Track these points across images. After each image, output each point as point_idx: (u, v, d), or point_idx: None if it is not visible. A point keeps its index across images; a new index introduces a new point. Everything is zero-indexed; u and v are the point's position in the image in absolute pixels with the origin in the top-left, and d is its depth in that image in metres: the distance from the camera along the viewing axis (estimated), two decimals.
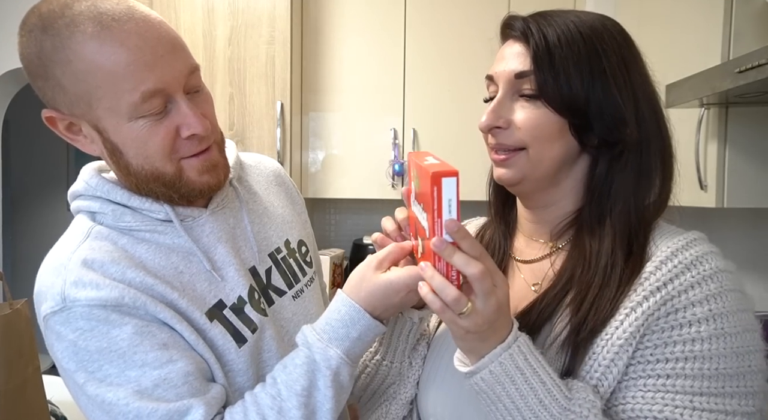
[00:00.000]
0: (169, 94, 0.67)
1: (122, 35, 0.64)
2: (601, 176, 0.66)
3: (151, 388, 0.66)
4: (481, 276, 0.51)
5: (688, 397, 0.56)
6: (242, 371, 0.75)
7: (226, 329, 0.74)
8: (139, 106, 0.66)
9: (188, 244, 0.75)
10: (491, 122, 0.67)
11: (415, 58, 2.27)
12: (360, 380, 0.78)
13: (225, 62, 2.09)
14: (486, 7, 2.24)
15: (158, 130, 0.68)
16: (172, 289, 0.71)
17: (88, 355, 0.66)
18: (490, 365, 0.55)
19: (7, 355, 1.24)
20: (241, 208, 0.84)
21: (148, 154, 0.69)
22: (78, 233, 0.73)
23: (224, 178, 0.77)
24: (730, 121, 1.35)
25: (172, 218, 0.74)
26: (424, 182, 0.54)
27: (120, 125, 0.67)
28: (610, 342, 0.58)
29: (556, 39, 0.64)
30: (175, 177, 0.72)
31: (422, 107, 2.27)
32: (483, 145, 0.73)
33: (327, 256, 2.26)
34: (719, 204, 1.35)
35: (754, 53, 1.01)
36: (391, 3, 2.26)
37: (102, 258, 0.69)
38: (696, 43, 1.40)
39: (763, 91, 1.13)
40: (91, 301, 0.65)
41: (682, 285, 0.58)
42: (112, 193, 0.74)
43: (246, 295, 0.78)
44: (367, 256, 0.69)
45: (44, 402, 1.36)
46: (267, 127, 2.10)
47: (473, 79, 2.24)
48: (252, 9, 2.09)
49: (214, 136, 0.74)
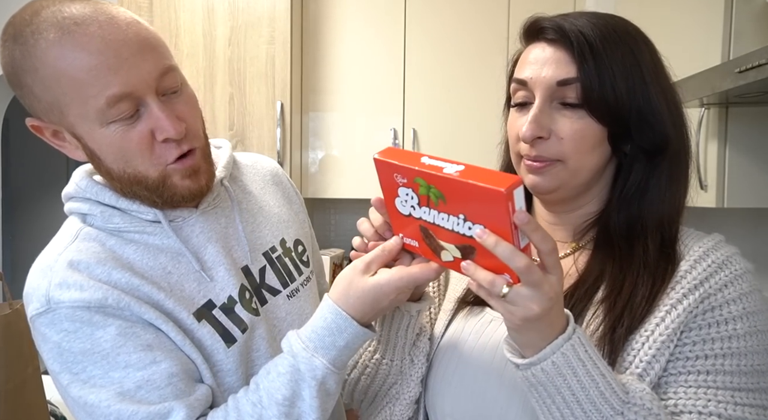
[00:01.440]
0: (138, 97, 0.65)
1: (84, 39, 0.62)
2: (635, 183, 0.66)
3: (134, 390, 0.65)
4: (526, 268, 0.51)
5: (730, 392, 0.58)
6: (231, 371, 0.74)
7: (214, 329, 0.73)
8: (106, 111, 0.64)
9: (177, 245, 0.74)
10: (535, 132, 0.64)
11: (415, 58, 2.27)
12: (360, 382, 0.77)
13: (225, 62, 2.09)
14: (486, 8, 2.24)
15: (131, 135, 0.66)
16: (159, 290, 0.70)
17: (72, 356, 0.66)
18: (552, 356, 0.54)
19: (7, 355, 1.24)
20: (232, 207, 0.83)
21: (127, 159, 0.68)
22: (67, 235, 0.74)
23: (206, 184, 0.75)
24: (730, 121, 1.35)
25: (160, 219, 0.74)
26: (466, 196, 0.52)
27: (93, 131, 0.66)
28: (652, 338, 0.59)
29: (599, 44, 0.63)
30: (159, 181, 0.70)
31: (422, 107, 2.27)
32: (483, 145, 0.72)
33: (327, 256, 2.26)
34: (719, 204, 1.35)
35: (754, 53, 1.01)
36: (391, 3, 2.26)
37: (88, 259, 0.68)
38: (696, 43, 1.40)
39: (763, 91, 1.13)
40: (74, 302, 0.65)
41: (717, 283, 0.60)
42: (101, 194, 0.73)
43: (237, 294, 0.77)
44: (353, 260, 0.67)
45: (44, 402, 1.36)
46: (267, 127, 2.10)
47: (473, 79, 2.24)
48: (252, 9, 2.09)
49: (196, 140, 0.72)
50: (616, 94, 0.63)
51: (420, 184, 0.56)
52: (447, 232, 0.57)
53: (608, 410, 0.54)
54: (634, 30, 0.67)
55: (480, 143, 2.07)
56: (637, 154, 0.66)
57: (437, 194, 0.55)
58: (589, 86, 0.62)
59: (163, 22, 2.07)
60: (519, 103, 0.68)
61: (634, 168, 0.66)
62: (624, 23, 0.67)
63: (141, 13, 2.06)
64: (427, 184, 0.56)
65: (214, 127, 2.10)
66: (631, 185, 0.67)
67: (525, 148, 0.66)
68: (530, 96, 0.66)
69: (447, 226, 0.56)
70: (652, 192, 0.66)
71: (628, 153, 0.66)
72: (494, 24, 2.22)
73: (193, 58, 2.08)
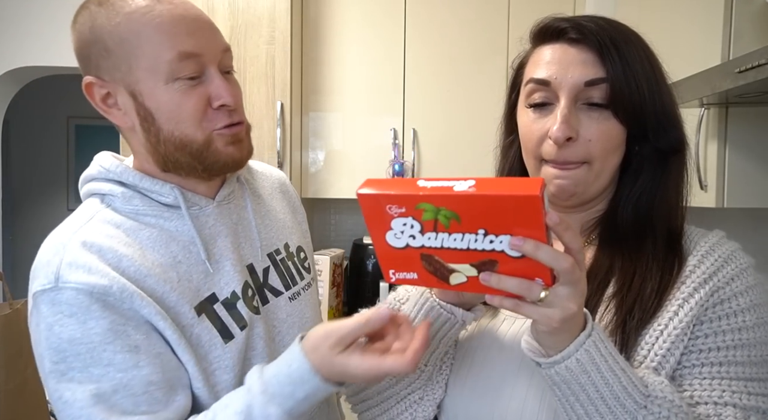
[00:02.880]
0: (204, 63, 0.72)
1: (169, 5, 0.71)
2: (646, 181, 0.67)
3: (110, 393, 0.65)
4: (571, 268, 0.51)
5: (742, 382, 0.59)
6: (228, 368, 0.75)
7: (213, 324, 0.74)
8: (175, 65, 0.70)
9: (191, 232, 0.76)
10: (566, 133, 0.63)
11: (415, 58, 2.26)
12: (382, 382, 0.72)
13: None
14: (486, 8, 2.24)
15: (191, 95, 0.72)
16: (165, 282, 0.71)
17: (58, 343, 0.66)
18: (576, 353, 0.54)
19: (7, 355, 1.24)
20: (246, 205, 0.86)
21: (180, 119, 0.72)
22: (84, 214, 0.75)
23: (246, 156, 0.80)
24: (730, 121, 1.35)
25: (179, 201, 0.76)
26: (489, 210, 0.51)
27: (156, 87, 0.71)
28: (666, 332, 0.60)
29: (622, 45, 0.63)
30: (203, 146, 0.74)
31: (422, 107, 2.27)
32: (483, 145, 0.72)
33: (327, 256, 2.26)
34: (719, 204, 1.35)
35: (754, 53, 1.01)
36: (391, 4, 2.25)
37: (101, 242, 0.70)
38: (696, 43, 1.40)
39: (763, 91, 1.13)
40: (80, 285, 0.66)
41: (725, 277, 0.62)
42: (125, 174, 0.76)
43: (240, 291, 0.78)
44: (332, 323, 0.63)
45: (44, 402, 1.36)
46: (267, 127, 2.10)
47: (473, 79, 2.24)
48: (252, 9, 2.08)
49: (244, 119, 0.78)
50: (640, 95, 0.63)
51: (425, 210, 0.53)
52: (459, 252, 0.54)
53: (632, 404, 0.54)
54: (638, 33, 0.68)
55: (480, 143, 2.07)
56: (650, 154, 0.66)
57: (449, 215, 0.53)
58: (618, 87, 0.62)
59: None
60: (537, 103, 0.66)
61: (645, 167, 0.67)
62: (628, 26, 0.68)
63: None
64: (435, 207, 0.53)
65: None
66: (642, 183, 0.67)
67: (551, 151, 0.65)
68: (552, 97, 0.65)
69: (461, 246, 0.54)
70: (661, 189, 0.67)
71: (638, 152, 0.67)
72: (494, 24, 2.22)
73: None
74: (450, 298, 0.66)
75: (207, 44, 0.73)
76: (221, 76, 0.74)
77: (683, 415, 0.55)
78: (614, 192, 0.70)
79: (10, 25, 2.47)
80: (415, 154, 2.27)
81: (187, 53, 0.70)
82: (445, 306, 0.66)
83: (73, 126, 4.54)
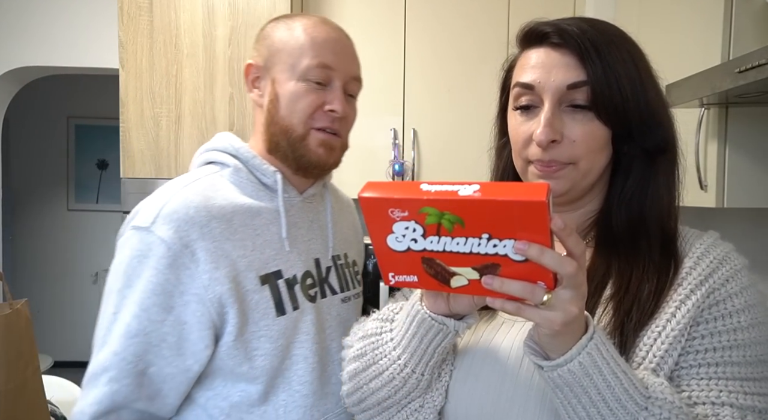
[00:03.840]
0: (333, 77, 0.89)
1: (329, 29, 0.91)
2: (635, 181, 0.68)
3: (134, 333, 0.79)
4: (575, 271, 0.51)
5: (739, 382, 0.60)
6: (272, 338, 0.85)
7: (272, 295, 0.86)
8: (309, 70, 0.87)
9: (277, 212, 0.90)
10: (550, 136, 0.64)
11: (415, 58, 2.26)
12: (380, 392, 0.72)
13: (225, 62, 2.09)
14: (486, 8, 2.24)
15: (311, 95, 0.88)
16: (241, 248, 0.84)
17: (126, 271, 0.80)
18: (579, 356, 0.54)
19: (7, 355, 1.24)
20: (326, 209, 1.01)
21: (294, 109, 0.88)
22: (196, 175, 0.90)
23: (331, 164, 0.94)
24: (730, 121, 1.35)
25: (278, 184, 0.91)
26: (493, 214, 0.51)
27: (289, 80, 0.89)
28: (664, 333, 0.61)
29: (603, 47, 0.64)
30: (300, 137, 0.89)
31: (422, 107, 2.27)
32: (483, 145, 0.72)
33: None
34: (719, 204, 1.35)
35: (754, 53, 1.01)
36: (391, 3, 2.26)
37: (199, 203, 0.83)
38: (696, 43, 1.40)
39: (763, 91, 1.12)
40: (164, 238, 0.80)
41: (720, 278, 0.63)
42: (242, 150, 0.92)
43: (300, 276, 0.91)
44: None
45: (44, 402, 1.36)
46: None
47: (473, 79, 2.24)
48: (252, 9, 2.08)
49: (344, 133, 0.93)
50: (622, 96, 0.64)
51: (429, 214, 0.53)
52: (463, 256, 0.54)
53: (633, 406, 0.55)
54: (625, 34, 0.69)
55: (480, 143, 2.07)
56: (637, 154, 0.67)
57: (453, 220, 0.53)
58: (599, 89, 0.63)
59: (163, 22, 2.07)
60: (523, 106, 0.68)
61: (634, 167, 0.68)
62: (615, 27, 0.68)
63: (141, 13, 2.07)
64: (439, 211, 0.53)
65: (214, 127, 2.10)
66: (632, 184, 0.68)
67: (537, 152, 0.66)
68: (536, 100, 0.66)
69: (463, 250, 0.54)
70: (652, 189, 0.68)
71: (627, 152, 0.67)
72: (494, 25, 2.22)
73: (193, 58, 2.08)
74: (441, 309, 0.65)
75: (342, 65, 0.90)
76: (342, 92, 0.90)
77: (683, 416, 0.55)
78: (606, 192, 0.71)
79: (10, 25, 2.47)
80: (415, 154, 2.27)
81: (324, 64, 0.88)
82: (436, 318, 0.65)
83: (73, 126, 4.54)
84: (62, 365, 3.94)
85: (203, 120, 2.10)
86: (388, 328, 0.74)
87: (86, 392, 0.80)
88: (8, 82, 2.67)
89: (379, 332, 0.74)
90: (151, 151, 2.10)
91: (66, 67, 2.56)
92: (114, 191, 4.44)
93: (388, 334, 0.73)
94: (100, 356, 0.80)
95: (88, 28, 2.51)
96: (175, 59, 2.07)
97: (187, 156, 2.10)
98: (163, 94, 2.08)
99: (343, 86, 0.90)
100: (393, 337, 0.72)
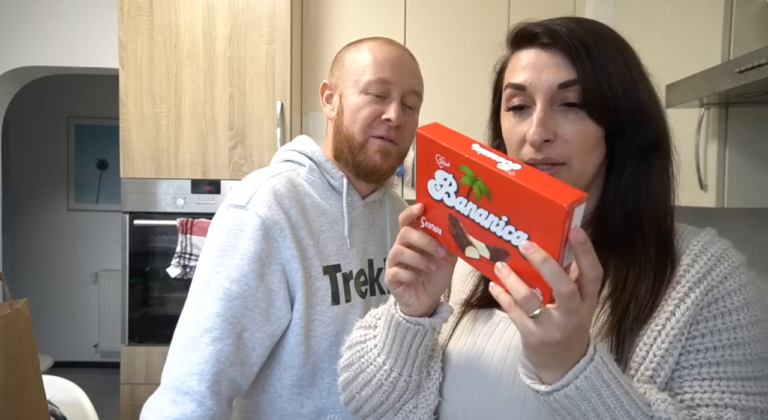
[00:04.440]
0: (391, 90, 1.00)
1: (391, 48, 1.03)
2: (629, 179, 0.67)
3: (234, 296, 0.88)
4: (570, 295, 0.49)
5: (740, 382, 0.59)
6: (326, 323, 0.96)
7: (330, 285, 0.97)
8: (370, 84, 0.98)
9: (340, 211, 1.02)
10: (542, 136, 0.64)
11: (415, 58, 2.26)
12: (373, 399, 0.73)
13: (225, 62, 2.09)
14: (486, 8, 2.24)
15: (370, 106, 0.99)
16: (310, 238, 0.96)
17: (226, 242, 0.92)
18: (575, 381, 0.52)
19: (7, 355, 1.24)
20: (386, 215, 1.11)
21: (355, 120, 0.99)
22: (278, 169, 1.02)
23: (387, 171, 1.03)
24: (730, 121, 1.35)
25: (343, 187, 1.02)
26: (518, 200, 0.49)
27: (353, 95, 1.00)
28: (664, 332, 0.60)
29: (593, 46, 0.64)
30: (360, 144, 1.00)
31: (422, 107, 2.27)
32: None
33: None
34: (719, 204, 1.35)
35: (754, 53, 1.01)
36: (391, 4, 2.26)
37: (282, 191, 0.96)
38: (696, 43, 1.40)
39: (763, 91, 1.13)
40: (258, 213, 0.92)
41: (719, 275, 0.62)
42: (316, 153, 1.04)
43: (355, 273, 1.02)
44: None
45: (44, 402, 1.36)
46: (267, 127, 2.10)
47: (474, 79, 2.24)
48: (252, 9, 2.09)
49: (401, 142, 1.03)
50: (613, 94, 0.64)
51: (465, 173, 0.52)
52: (481, 229, 0.53)
53: None
54: (615, 32, 0.69)
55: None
56: (630, 152, 0.67)
57: (483, 189, 0.52)
58: (590, 87, 0.63)
59: (163, 22, 2.07)
60: (515, 107, 0.68)
61: (627, 164, 0.68)
62: (605, 26, 0.69)
63: (141, 13, 2.07)
64: (474, 175, 0.52)
65: (214, 127, 2.10)
66: (626, 181, 0.68)
67: (530, 152, 0.66)
68: (528, 100, 0.67)
69: (484, 223, 0.53)
70: (646, 186, 0.67)
71: (620, 150, 0.67)
72: (494, 25, 2.22)
73: (193, 58, 2.08)
74: (413, 310, 0.66)
75: (400, 80, 1.00)
76: (400, 103, 1.00)
77: None
78: (602, 191, 0.71)
79: (10, 25, 2.47)
80: (415, 154, 2.27)
81: (382, 79, 0.99)
82: (410, 320, 0.66)
83: (73, 126, 4.54)
84: (62, 365, 3.94)
85: (203, 120, 2.10)
86: (372, 335, 0.75)
87: (186, 355, 0.86)
88: (8, 82, 2.67)
89: (364, 340, 0.75)
90: (151, 151, 2.10)
91: (66, 67, 2.56)
92: (114, 191, 4.44)
93: (372, 341, 0.74)
94: (197, 319, 0.88)
95: (88, 28, 2.51)
96: (175, 59, 2.08)
97: (187, 156, 2.10)
98: (163, 94, 2.08)
99: (401, 98, 1.00)
100: (376, 344, 0.72)
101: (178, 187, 2.11)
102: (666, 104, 1.32)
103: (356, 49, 1.03)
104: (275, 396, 0.97)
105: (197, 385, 0.84)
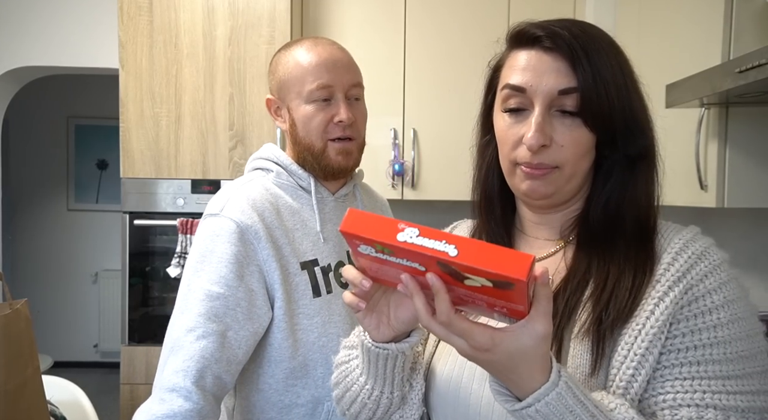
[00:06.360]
0: (333, 91, 1.03)
1: (318, 50, 1.05)
2: (615, 183, 0.68)
3: (215, 296, 0.92)
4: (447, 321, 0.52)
5: (720, 381, 0.59)
6: (310, 315, 1.01)
7: (309, 280, 1.02)
8: (312, 93, 1.02)
9: (312, 210, 1.07)
10: (540, 141, 0.64)
11: (415, 59, 2.26)
12: (361, 415, 0.74)
13: (225, 62, 2.09)
14: (486, 8, 2.24)
15: (319, 113, 1.03)
16: (285, 238, 1.01)
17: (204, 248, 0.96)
18: (537, 404, 0.53)
19: (7, 355, 1.24)
20: (358, 205, 1.15)
21: (309, 129, 1.04)
22: (249, 178, 1.08)
23: (352, 166, 1.08)
24: (731, 121, 1.35)
25: (311, 187, 1.07)
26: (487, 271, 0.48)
27: (300, 106, 1.04)
28: (644, 331, 0.60)
29: (593, 53, 0.64)
30: (320, 151, 1.04)
31: (422, 107, 2.27)
32: None
33: None
34: (719, 204, 1.35)
35: (754, 53, 1.01)
36: (391, 4, 2.26)
37: (255, 196, 1.01)
38: (696, 43, 1.40)
39: (763, 91, 1.13)
40: (233, 218, 0.97)
41: (698, 274, 0.62)
42: (281, 157, 1.09)
43: (334, 265, 1.07)
44: None
45: (44, 402, 1.36)
46: (267, 127, 2.10)
47: (473, 79, 2.24)
48: (252, 9, 2.09)
49: (356, 134, 1.06)
50: (610, 103, 0.64)
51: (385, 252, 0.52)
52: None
53: None
54: (612, 39, 0.69)
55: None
56: (618, 159, 0.68)
57: None
58: (588, 95, 0.64)
59: (163, 22, 2.07)
60: (513, 108, 0.68)
61: (615, 170, 0.68)
62: (604, 32, 0.69)
63: (141, 13, 2.07)
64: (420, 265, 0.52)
65: (214, 127, 2.10)
66: (611, 186, 0.69)
67: (525, 155, 0.66)
68: (527, 103, 0.67)
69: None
70: (630, 192, 0.68)
71: (608, 157, 0.68)
72: (494, 24, 2.21)
73: (193, 58, 2.08)
74: (383, 336, 0.66)
75: (339, 79, 1.03)
76: (345, 101, 1.03)
77: None
78: (588, 192, 0.71)
79: (10, 25, 2.47)
80: (415, 154, 2.27)
81: (323, 85, 1.02)
82: (379, 346, 0.66)
83: (73, 126, 4.54)
84: (62, 365, 3.94)
85: (203, 120, 2.10)
86: (354, 355, 0.76)
87: (174, 356, 0.89)
88: (8, 82, 2.67)
89: (348, 360, 0.77)
90: (151, 151, 2.10)
91: (66, 67, 2.56)
92: (114, 191, 4.43)
93: (355, 361, 0.75)
94: (181, 321, 0.92)
95: (88, 28, 2.51)
96: (175, 59, 2.08)
97: (186, 156, 2.10)
98: (163, 94, 2.09)
99: (345, 96, 1.04)
100: (358, 364, 0.73)
101: (178, 187, 2.11)
102: (666, 104, 1.32)
103: (289, 57, 1.06)
104: (270, 392, 1.01)
105: (182, 381, 0.86)
